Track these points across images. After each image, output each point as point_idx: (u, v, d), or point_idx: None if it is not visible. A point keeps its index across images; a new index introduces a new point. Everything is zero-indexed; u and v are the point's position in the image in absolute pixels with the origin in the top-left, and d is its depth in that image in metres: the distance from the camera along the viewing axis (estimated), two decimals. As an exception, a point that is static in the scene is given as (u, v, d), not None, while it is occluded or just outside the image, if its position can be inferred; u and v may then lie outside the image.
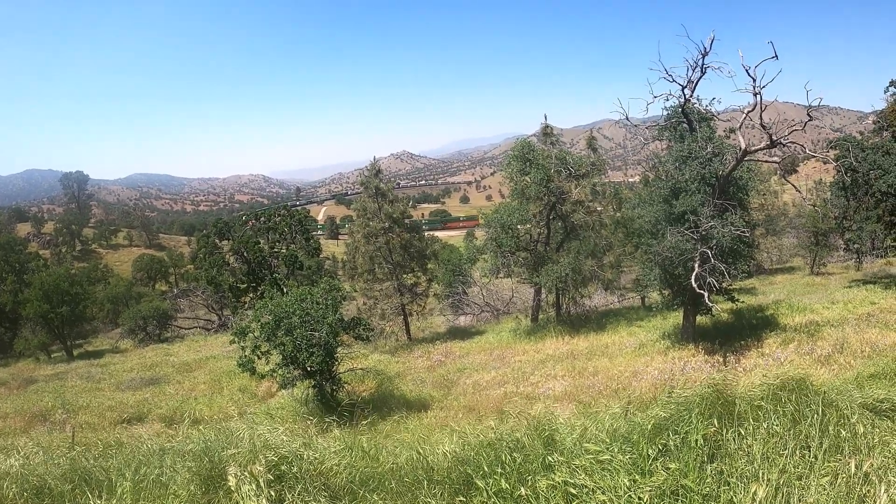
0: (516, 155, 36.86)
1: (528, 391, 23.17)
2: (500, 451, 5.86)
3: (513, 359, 30.03)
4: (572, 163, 36.17)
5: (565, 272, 33.64)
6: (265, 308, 22.43)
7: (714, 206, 23.20)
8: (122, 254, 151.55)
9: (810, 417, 5.71)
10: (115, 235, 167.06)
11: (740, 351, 24.40)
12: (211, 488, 5.55)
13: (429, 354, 34.13)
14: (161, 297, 78.36)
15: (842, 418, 5.76)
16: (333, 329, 21.23)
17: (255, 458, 5.58)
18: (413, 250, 41.70)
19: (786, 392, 6.31)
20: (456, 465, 5.82)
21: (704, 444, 5.32)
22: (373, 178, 40.67)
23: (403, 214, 41.50)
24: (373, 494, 5.28)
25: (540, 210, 36.12)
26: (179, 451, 6.58)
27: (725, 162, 23.82)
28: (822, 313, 28.84)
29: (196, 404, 26.29)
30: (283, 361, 21.54)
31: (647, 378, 22.19)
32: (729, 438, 5.47)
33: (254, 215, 56.02)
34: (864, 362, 19.73)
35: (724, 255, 23.51)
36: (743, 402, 6.09)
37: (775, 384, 6.56)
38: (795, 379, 6.70)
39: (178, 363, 38.68)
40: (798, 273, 55.65)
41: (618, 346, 29.05)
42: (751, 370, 21.69)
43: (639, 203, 27.93)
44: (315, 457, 6.09)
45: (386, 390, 26.11)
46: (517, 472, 5.48)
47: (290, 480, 5.41)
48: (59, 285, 54.15)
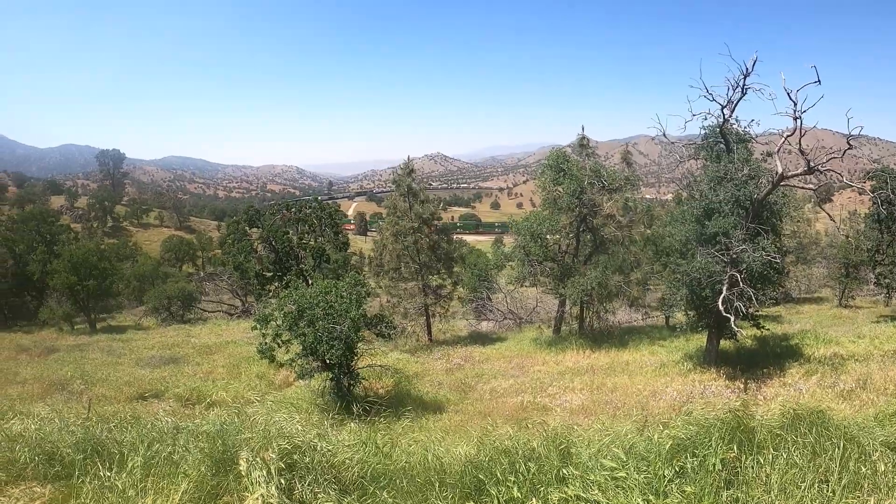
0: (550, 164, 36.77)
1: (544, 402, 23.03)
2: (515, 459, 5.81)
3: (532, 368, 29.89)
4: (606, 176, 36.00)
5: (591, 285, 33.43)
6: (289, 298, 22.50)
7: (746, 230, 22.97)
8: (151, 233, 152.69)
9: (831, 451, 5.63)
10: (146, 215, 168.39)
11: (762, 379, 24.08)
12: (221, 471, 5.55)
13: (448, 357, 34.09)
14: (187, 278, 78.67)
15: (862, 455, 5.67)
16: (355, 324, 21.25)
17: (268, 445, 5.60)
18: (440, 252, 41.62)
19: (805, 424, 6.23)
20: (469, 470, 5.75)
21: (722, 470, 5.24)
22: (405, 178, 40.68)
23: (433, 215, 41.42)
24: (383, 492, 5.25)
25: (570, 221, 35.95)
26: (193, 431, 6.60)
27: (761, 185, 23.59)
28: (848, 347, 28.47)
29: (213, 387, 26.42)
30: (303, 352, 21.61)
31: (666, 398, 22.02)
32: (747, 466, 5.39)
33: (285, 205, 56.09)
34: (887, 400, 19.53)
35: (753, 280, 23.27)
36: (763, 431, 6.01)
37: (794, 415, 6.48)
38: (815, 411, 6.62)
39: (198, 345, 38.88)
40: (826, 304, 55.05)
41: (638, 363, 28.80)
42: (771, 399, 21.50)
43: (670, 221, 27.71)
44: (329, 449, 6.10)
45: (403, 389, 26.05)
46: (530, 482, 5.43)
47: (301, 470, 5.41)
48: (87, 259, 54.67)
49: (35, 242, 68.04)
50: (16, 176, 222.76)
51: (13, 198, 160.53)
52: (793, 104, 22.08)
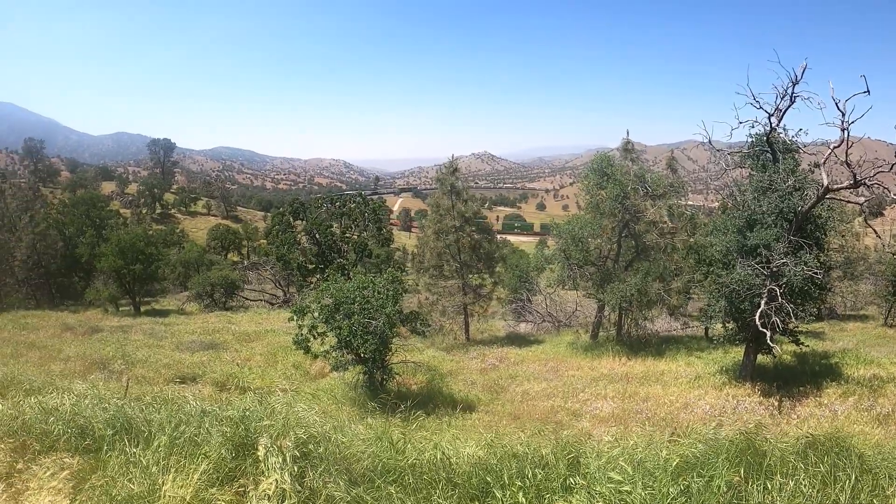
0: (595, 168, 36.47)
1: (575, 407, 22.94)
2: (524, 465, 5.81)
3: (566, 373, 29.72)
4: (650, 182, 35.72)
5: (631, 292, 33.14)
6: (327, 291, 22.74)
7: (789, 243, 22.60)
8: (198, 221, 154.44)
9: (843, 482, 5.48)
10: (194, 203, 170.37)
11: (797, 397, 23.63)
12: (241, 455, 5.67)
13: (483, 357, 34.08)
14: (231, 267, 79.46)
15: (877, 487, 5.50)
16: (390, 320, 21.41)
17: (286, 433, 5.68)
18: (482, 251, 41.65)
19: (820, 450, 6.09)
20: (477, 471, 5.78)
21: (727, 492, 5.14)
22: (449, 176, 40.69)
23: (476, 215, 41.46)
24: (390, 486, 5.28)
25: (613, 226, 35.75)
26: (219, 415, 6.71)
27: (805, 198, 23.14)
28: (889, 369, 27.79)
29: (249, 374, 26.92)
30: (338, 345, 21.88)
31: (697, 412, 21.82)
32: (753, 491, 5.27)
33: (329, 199, 56.58)
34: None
35: (793, 294, 22.93)
36: (774, 455, 5.88)
37: (811, 440, 6.34)
38: (834, 437, 6.47)
39: (238, 332, 39.31)
40: (871, 322, 53.97)
41: (674, 374, 28.50)
42: (805, 419, 21.23)
43: (712, 231, 27.39)
44: (343, 441, 6.24)
45: (435, 387, 26.17)
46: (536, 489, 5.43)
47: (315, 459, 5.50)
48: (134, 244, 55.52)
49: (84, 226, 69.47)
50: (69, 161, 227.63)
51: (66, 182, 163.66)
52: (840, 114, 21.70)
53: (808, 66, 22.66)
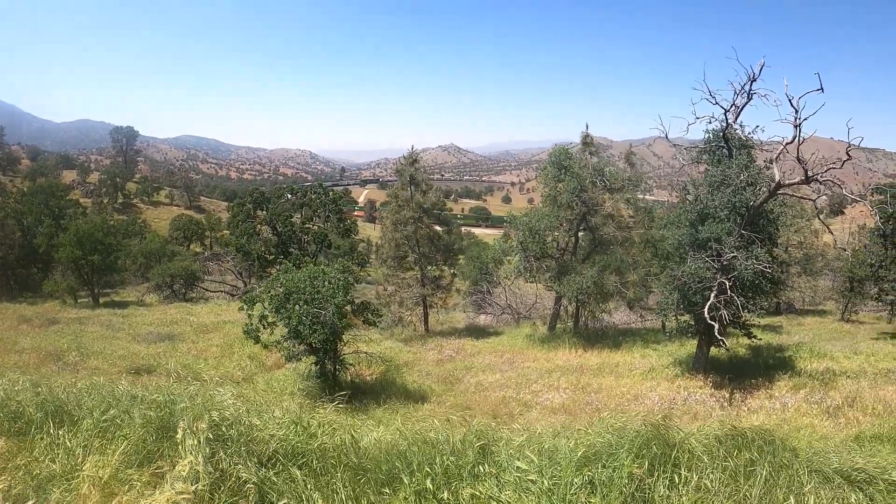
0: (553, 161, 36.53)
1: (526, 398, 23.10)
2: (434, 452, 5.81)
3: (522, 364, 29.88)
4: (608, 175, 35.85)
5: (587, 284, 33.31)
6: (277, 280, 22.66)
7: (740, 237, 22.75)
8: (161, 211, 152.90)
9: (754, 478, 5.41)
10: (157, 192, 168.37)
11: (749, 390, 23.89)
12: (161, 437, 5.69)
13: (441, 348, 34.24)
14: (193, 258, 78.94)
15: (793, 483, 5.44)
16: (340, 310, 21.32)
17: (202, 416, 5.71)
18: (441, 243, 41.67)
19: (739, 444, 6.03)
20: (389, 457, 5.79)
21: (629, 484, 5.09)
22: (408, 167, 40.63)
23: (435, 206, 41.41)
24: (295, 468, 5.28)
25: (570, 219, 35.85)
26: (147, 399, 6.70)
27: (758, 193, 23.30)
28: (842, 362, 28.17)
29: (204, 365, 26.84)
30: (288, 334, 21.79)
31: (647, 403, 22.02)
32: (659, 484, 5.21)
33: (290, 190, 56.30)
34: (873, 420, 19.37)
35: (744, 288, 23.09)
36: (684, 448, 5.82)
37: (733, 433, 6.29)
38: (761, 430, 6.43)
39: (196, 323, 39.33)
40: (829, 317, 54.65)
41: (628, 366, 28.70)
42: (755, 411, 21.44)
43: (666, 224, 27.56)
44: (257, 424, 6.18)
45: (390, 378, 26.24)
46: (445, 476, 5.41)
47: (228, 442, 5.50)
48: (93, 234, 54.93)
49: (43, 216, 68.52)
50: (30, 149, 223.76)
51: (26, 170, 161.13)
52: (794, 111, 21.88)
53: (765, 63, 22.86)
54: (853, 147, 21.04)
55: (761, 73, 22.86)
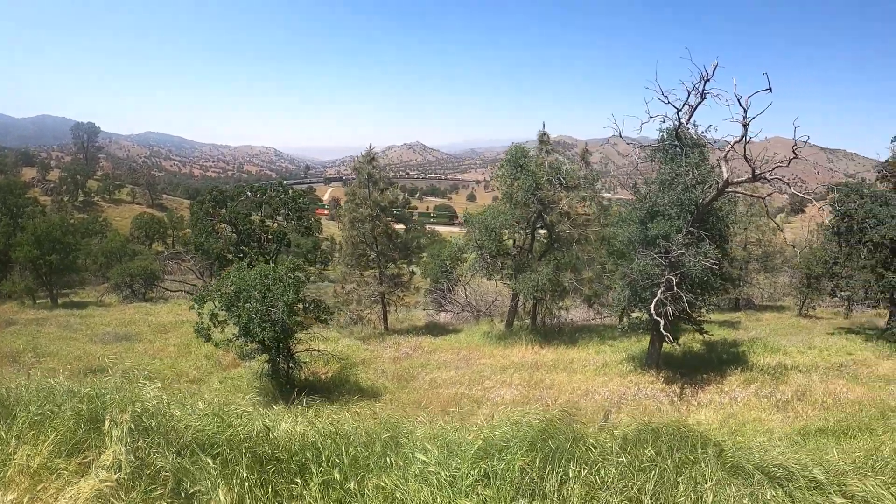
0: (509, 159, 36.48)
1: (478, 395, 23.23)
2: (343, 443, 5.93)
3: (478, 361, 30.01)
4: (564, 174, 36.03)
5: (542, 281, 33.51)
6: (228, 279, 22.63)
7: (689, 235, 23.01)
8: (123, 209, 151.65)
9: (650, 472, 5.45)
10: (118, 190, 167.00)
11: (700, 384, 24.20)
12: (91, 428, 5.78)
13: (398, 346, 34.31)
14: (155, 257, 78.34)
15: (698, 482, 5.45)
16: (290, 308, 21.32)
17: (126, 408, 5.85)
18: (399, 241, 41.68)
19: (643, 439, 6.11)
20: (302, 448, 5.90)
21: (520, 478, 5.17)
22: (366, 165, 40.48)
23: (392, 204, 41.38)
24: (208, 457, 5.40)
25: (526, 217, 36.01)
26: (80, 393, 6.77)
27: (707, 191, 23.56)
28: (795, 357, 28.60)
29: (160, 364, 27.19)
30: (239, 332, 21.74)
31: (597, 398, 22.21)
32: (551, 477, 5.26)
33: (250, 188, 56.10)
34: (822, 414, 19.68)
35: (693, 285, 23.35)
36: (581, 443, 5.88)
37: (640, 429, 6.36)
38: (675, 426, 6.52)
39: (154, 323, 39.20)
40: (787, 312, 55.29)
41: (583, 362, 28.92)
42: (705, 405, 21.70)
43: (618, 222, 27.80)
44: (176, 415, 6.34)
45: (345, 376, 26.29)
46: (353, 467, 5.53)
47: (149, 432, 5.66)
48: (51, 233, 54.29)
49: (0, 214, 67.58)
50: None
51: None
52: (742, 111, 22.14)
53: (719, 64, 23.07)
54: (799, 146, 21.40)
55: (715, 74, 23.05)
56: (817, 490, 5.36)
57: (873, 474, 5.71)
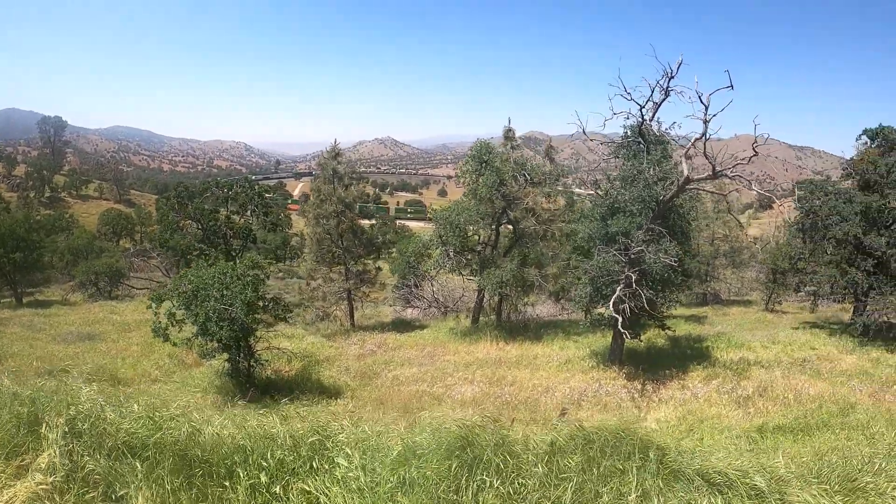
0: (473, 155, 36.41)
1: (439, 392, 23.22)
2: (271, 447, 5.91)
3: (443, 358, 29.97)
4: (529, 169, 36.05)
5: (506, 277, 33.56)
6: (185, 277, 22.44)
7: (650, 231, 23.06)
8: (90, 205, 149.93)
9: (569, 483, 5.34)
10: (85, 186, 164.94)
11: (662, 380, 24.31)
12: (30, 431, 5.77)
13: (363, 343, 34.14)
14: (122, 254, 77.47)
15: (622, 488, 5.35)
16: (249, 306, 21.16)
17: (62, 411, 5.96)
18: (364, 237, 41.52)
19: (578, 444, 6.03)
20: (231, 452, 5.87)
21: (437, 486, 5.09)
22: (330, 160, 40.24)
23: (357, 200, 41.21)
24: (136, 460, 5.42)
25: (491, 213, 35.99)
26: (21, 395, 6.69)
27: (668, 188, 23.61)
28: (759, 352, 28.78)
29: (122, 364, 26.75)
30: (198, 331, 21.55)
31: (557, 395, 22.22)
32: (468, 487, 5.18)
33: (215, 183, 55.61)
34: (782, 410, 19.77)
35: (654, 281, 23.42)
36: (502, 451, 5.79)
37: (574, 435, 6.27)
38: (613, 431, 6.42)
39: (118, 322, 38.91)
40: (753, 307, 55.77)
41: (546, 358, 28.89)
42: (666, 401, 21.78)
43: (580, 218, 27.87)
44: (110, 418, 6.30)
45: (309, 374, 26.14)
46: (280, 470, 5.54)
47: (83, 435, 5.70)
48: (14, 230, 53.35)
49: (-37, 211, 66.67)
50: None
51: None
52: (703, 108, 22.23)
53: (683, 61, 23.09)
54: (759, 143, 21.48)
55: (679, 71, 23.07)
56: (758, 498, 5.30)
57: (818, 482, 5.68)
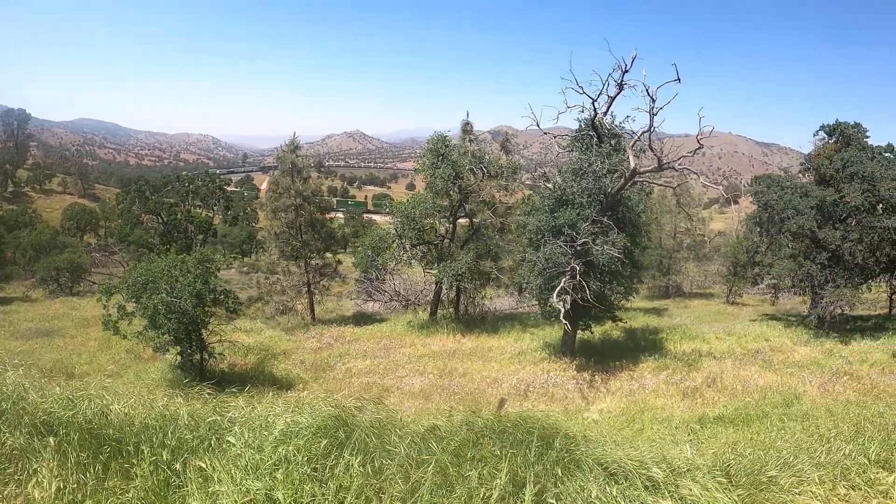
0: (430, 148, 36.58)
1: (389, 384, 23.42)
2: (172, 426, 6.16)
3: (398, 350, 30.15)
4: (487, 162, 36.23)
5: (462, 269, 33.81)
6: (135, 271, 22.44)
7: (597, 224, 23.26)
8: (54, 200, 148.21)
9: (427, 466, 5.34)
10: (49, 180, 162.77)
11: (613, 371, 24.62)
12: None
13: (321, 336, 34.23)
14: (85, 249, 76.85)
15: (486, 475, 5.31)
16: (199, 299, 21.20)
17: None
18: (323, 231, 41.53)
19: (462, 430, 6.15)
20: (139, 430, 6.07)
21: (309, 463, 5.25)
22: (289, 154, 40.21)
23: (315, 193, 41.25)
24: (48, 437, 5.63)
25: (449, 206, 36.14)
26: None
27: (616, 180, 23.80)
28: (713, 344, 29.23)
29: (78, 359, 26.77)
30: (147, 325, 21.58)
31: (504, 386, 22.41)
32: (337, 465, 5.30)
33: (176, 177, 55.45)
34: (729, 400, 20.07)
35: (602, 273, 23.65)
36: (379, 433, 5.96)
37: (465, 422, 6.38)
38: (521, 419, 6.51)
39: (78, 318, 38.63)
40: (715, 300, 56.38)
41: (500, 350, 29.19)
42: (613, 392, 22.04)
43: (530, 211, 28.07)
44: (32, 398, 6.49)
45: (263, 367, 26.24)
46: (180, 448, 5.75)
47: (5, 414, 6.00)
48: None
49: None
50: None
51: None
52: (651, 101, 22.49)
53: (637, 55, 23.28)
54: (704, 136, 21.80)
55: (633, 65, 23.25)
56: (654, 489, 5.32)
57: (722, 474, 5.74)
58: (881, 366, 23.99)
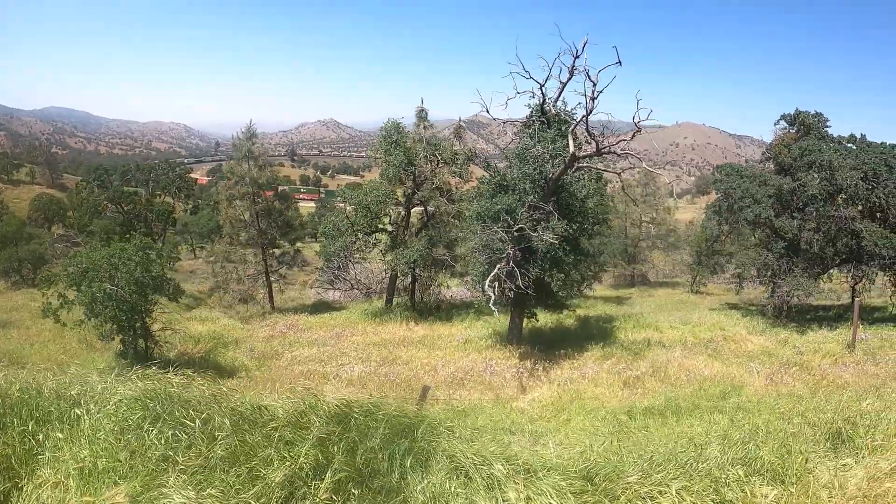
0: (384, 135, 36.67)
1: (329, 371, 23.40)
2: (37, 399, 6.38)
3: (350, 338, 30.15)
4: (441, 150, 36.21)
5: (414, 257, 33.80)
6: (76, 258, 22.37)
7: (535, 209, 23.34)
8: (21, 190, 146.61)
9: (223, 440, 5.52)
10: (17, 170, 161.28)
11: (557, 360, 24.58)
12: None
13: (275, 325, 34.17)
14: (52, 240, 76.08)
15: (318, 455, 5.44)
16: (139, 286, 21.16)
17: None
18: (281, 219, 41.43)
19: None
20: (14, 403, 6.26)
21: (122, 436, 5.57)
22: (245, 142, 40.05)
23: (270, 181, 41.15)
24: None
25: (401, 193, 36.18)
26: None
27: (557, 165, 23.74)
28: (666, 332, 29.35)
29: (30, 350, 26.58)
30: (87, 312, 21.53)
31: (442, 373, 22.48)
32: (160, 437, 5.57)
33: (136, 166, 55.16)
34: (670, 391, 20.06)
35: (542, 260, 23.68)
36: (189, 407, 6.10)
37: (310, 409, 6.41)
38: (375, 404, 6.54)
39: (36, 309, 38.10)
40: (680, 289, 56.68)
41: (450, 338, 29.26)
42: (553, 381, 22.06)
43: (475, 197, 28.10)
44: None
45: (211, 355, 26.20)
46: (45, 421, 6.01)
47: None
48: (-62, 218, 52.35)
49: None
50: None
51: None
52: (592, 84, 22.50)
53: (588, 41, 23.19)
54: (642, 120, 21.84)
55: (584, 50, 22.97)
56: (496, 486, 5.28)
57: (576, 475, 5.63)
58: (833, 356, 23.69)
